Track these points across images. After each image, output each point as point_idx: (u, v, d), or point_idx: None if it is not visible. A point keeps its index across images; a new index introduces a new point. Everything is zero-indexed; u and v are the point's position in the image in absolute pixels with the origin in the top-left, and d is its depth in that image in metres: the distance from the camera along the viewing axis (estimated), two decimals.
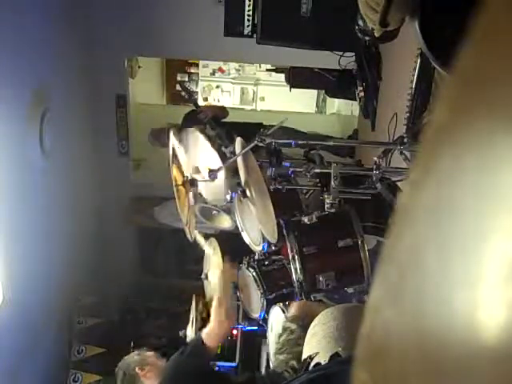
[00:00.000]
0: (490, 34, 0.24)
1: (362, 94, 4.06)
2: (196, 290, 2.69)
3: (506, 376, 0.22)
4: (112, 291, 4.93)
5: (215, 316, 1.91)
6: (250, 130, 4.27)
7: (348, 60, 3.81)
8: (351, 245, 1.89)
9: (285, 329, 1.97)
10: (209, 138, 1.86)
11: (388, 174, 2.03)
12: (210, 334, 1.85)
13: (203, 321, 2.14)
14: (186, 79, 6.98)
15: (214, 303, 1.96)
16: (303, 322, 1.92)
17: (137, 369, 1.85)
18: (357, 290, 2.00)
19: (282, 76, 5.49)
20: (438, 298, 0.26)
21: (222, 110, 4.46)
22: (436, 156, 0.27)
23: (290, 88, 5.04)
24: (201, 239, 2.33)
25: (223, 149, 3.90)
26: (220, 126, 4.00)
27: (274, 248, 2.19)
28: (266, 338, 2.40)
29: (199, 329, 1.96)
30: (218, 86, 7.02)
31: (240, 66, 6.93)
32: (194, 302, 2.81)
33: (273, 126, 4.62)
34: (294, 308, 2.07)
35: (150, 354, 1.97)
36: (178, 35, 4.31)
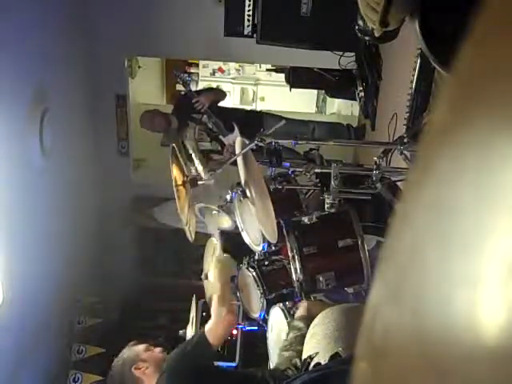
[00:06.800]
0: (490, 34, 0.24)
1: (361, 94, 4.06)
2: (196, 290, 2.69)
3: (505, 376, 0.22)
4: (112, 291, 4.93)
5: (215, 316, 1.90)
6: (248, 118, 4.25)
7: (348, 60, 3.81)
8: (351, 245, 1.89)
9: (293, 327, 1.98)
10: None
11: (388, 174, 2.03)
12: (212, 331, 1.84)
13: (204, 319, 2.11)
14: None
15: (214, 303, 1.95)
16: (310, 322, 1.92)
17: (133, 369, 1.77)
18: (357, 289, 2.00)
19: (282, 76, 5.49)
20: (438, 297, 0.26)
21: (219, 94, 4.34)
22: (436, 156, 0.27)
23: (290, 88, 5.04)
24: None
25: (221, 138, 3.89)
26: (218, 113, 3.96)
27: (273, 248, 2.20)
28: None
29: (200, 326, 1.94)
30: (217, 86, 7.02)
31: (240, 65, 6.93)
32: (193, 301, 2.81)
33: (271, 113, 4.60)
34: (302, 308, 2.07)
35: (142, 347, 1.86)
36: (178, 35, 4.30)
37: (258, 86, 6.99)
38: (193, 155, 1.98)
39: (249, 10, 3.47)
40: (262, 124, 3.98)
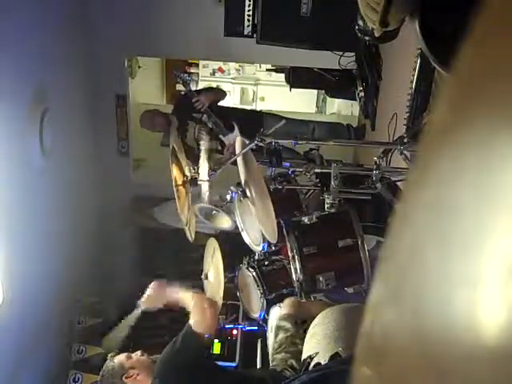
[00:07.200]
0: (490, 34, 0.24)
1: (361, 94, 4.06)
2: (196, 290, 2.69)
3: (505, 376, 0.22)
4: (112, 291, 4.93)
5: (196, 307, 1.90)
6: (248, 118, 4.25)
7: (348, 60, 3.81)
8: (351, 245, 1.89)
9: (279, 327, 1.98)
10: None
11: (388, 174, 2.03)
12: (197, 322, 1.83)
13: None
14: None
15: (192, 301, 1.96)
16: (297, 320, 1.92)
17: (123, 379, 1.78)
18: (357, 289, 2.00)
19: (282, 76, 5.49)
20: (438, 297, 0.26)
21: (219, 94, 4.32)
22: (436, 156, 0.27)
23: (290, 88, 5.04)
24: None
25: (221, 137, 3.89)
26: (218, 112, 3.96)
27: (273, 248, 2.20)
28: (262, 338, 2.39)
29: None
30: (217, 86, 7.02)
31: (240, 66, 6.93)
32: None
33: (271, 113, 4.60)
34: (285, 307, 2.07)
35: (122, 356, 1.88)
36: (178, 35, 4.30)
37: (257, 86, 6.99)
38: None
39: (249, 10, 3.47)
40: (262, 124, 3.98)
